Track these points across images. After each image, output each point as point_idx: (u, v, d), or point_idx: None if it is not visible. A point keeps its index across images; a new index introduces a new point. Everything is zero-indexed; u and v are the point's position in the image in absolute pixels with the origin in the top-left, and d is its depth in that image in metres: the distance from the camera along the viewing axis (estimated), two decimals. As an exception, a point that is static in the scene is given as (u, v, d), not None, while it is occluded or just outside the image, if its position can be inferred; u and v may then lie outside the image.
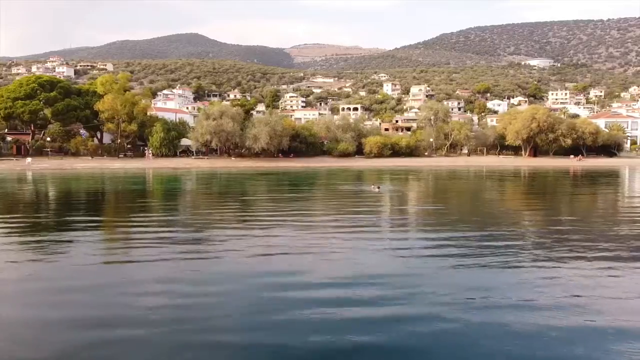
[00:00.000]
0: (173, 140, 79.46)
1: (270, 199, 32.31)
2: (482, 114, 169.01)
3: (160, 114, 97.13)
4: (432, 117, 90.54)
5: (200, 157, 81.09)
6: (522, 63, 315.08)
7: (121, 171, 62.43)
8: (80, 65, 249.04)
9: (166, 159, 77.61)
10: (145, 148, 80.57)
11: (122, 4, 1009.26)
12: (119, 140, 78.88)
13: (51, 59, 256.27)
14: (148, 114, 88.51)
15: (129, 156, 79.49)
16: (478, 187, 44.93)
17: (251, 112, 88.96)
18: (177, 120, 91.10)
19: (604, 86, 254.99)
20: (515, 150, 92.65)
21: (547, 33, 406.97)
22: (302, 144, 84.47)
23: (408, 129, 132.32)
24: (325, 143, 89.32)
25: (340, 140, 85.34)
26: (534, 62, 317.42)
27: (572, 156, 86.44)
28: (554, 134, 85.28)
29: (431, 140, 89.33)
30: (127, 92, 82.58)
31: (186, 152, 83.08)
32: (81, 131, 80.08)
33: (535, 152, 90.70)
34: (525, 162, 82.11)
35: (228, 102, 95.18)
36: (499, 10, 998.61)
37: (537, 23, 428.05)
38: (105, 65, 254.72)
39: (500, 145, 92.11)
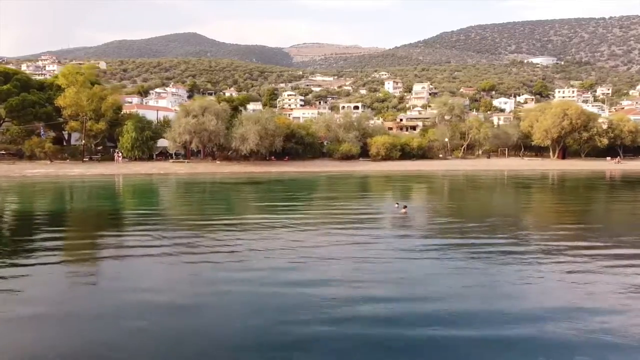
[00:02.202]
0: (147, 140, 66.41)
1: (243, 228, 19.30)
2: (489, 112, 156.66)
3: (142, 112, 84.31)
4: (446, 114, 77.52)
5: (180, 160, 68.13)
6: (525, 61, 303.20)
7: (78, 179, 49.61)
8: (72, 64, 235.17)
9: (139, 163, 64.68)
10: (115, 150, 67.60)
11: (122, 4, 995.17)
12: (84, 142, 65.78)
13: (42, 57, 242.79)
14: (128, 111, 75.76)
15: (96, 160, 66.46)
16: (529, 201, 31.99)
17: (240, 109, 75.48)
18: (162, 119, 77.88)
19: (610, 84, 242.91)
20: (540, 151, 79.78)
21: (548, 31, 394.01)
22: (298, 144, 71.49)
23: (413, 128, 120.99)
24: (325, 144, 76.44)
25: (343, 140, 72.38)
26: (537, 60, 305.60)
27: (608, 158, 73.55)
28: (588, 132, 72.38)
29: (446, 140, 76.37)
30: (96, 85, 69.44)
31: (165, 154, 70.06)
32: (41, 131, 66.98)
33: (564, 153, 77.80)
34: (556, 165, 69.16)
35: (213, 98, 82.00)
36: (499, 9, 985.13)
37: (538, 21, 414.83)
38: (98, 63, 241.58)
39: (523, 146, 79.16)
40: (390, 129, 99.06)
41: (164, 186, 43.29)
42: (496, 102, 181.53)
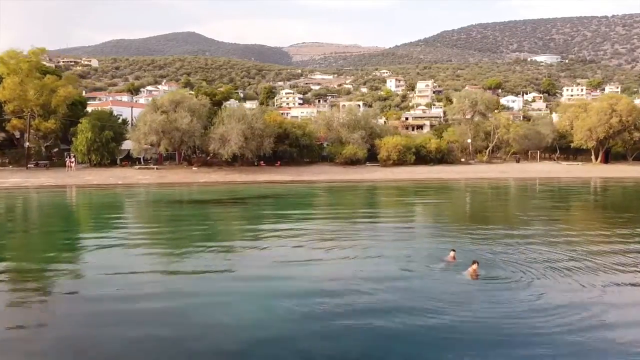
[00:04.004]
0: (108, 142, 52.69)
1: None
2: (496, 110, 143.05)
3: (117, 110, 70.89)
4: (467, 110, 63.85)
5: (149, 166, 54.57)
6: (529, 59, 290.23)
7: (4, 193, 36.29)
8: (63, 62, 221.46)
9: (96, 170, 51.08)
10: (68, 154, 53.91)
11: (120, 4, 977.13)
12: (28, 144, 52.12)
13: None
14: (100, 108, 62.29)
15: (44, 166, 52.79)
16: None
17: (225, 104, 61.86)
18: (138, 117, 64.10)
19: (617, 82, 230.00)
20: (576, 154, 66.30)
21: (550, 30, 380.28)
22: (293, 147, 57.78)
23: (420, 127, 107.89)
24: (325, 145, 62.84)
25: (346, 142, 58.71)
26: (540, 58, 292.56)
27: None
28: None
29: (469, 141, 62.81)
30: (48, 76, 55.68)
31: (133, 159, 56.34)
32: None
33: (607, 156, 64.25)
34: (604, 172, 55.61)
35: (191, 92, 67.78)
36: (500, 8, 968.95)
37: (540, 20, 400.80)
38: (90, 61, 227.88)
39: (558, 148, 65.55)
40: (395, 128, 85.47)
41: (88, 208, 29.54)
42: (503, 101, 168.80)
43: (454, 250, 14.30)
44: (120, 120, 59.71)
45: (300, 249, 16.21)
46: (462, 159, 62.30)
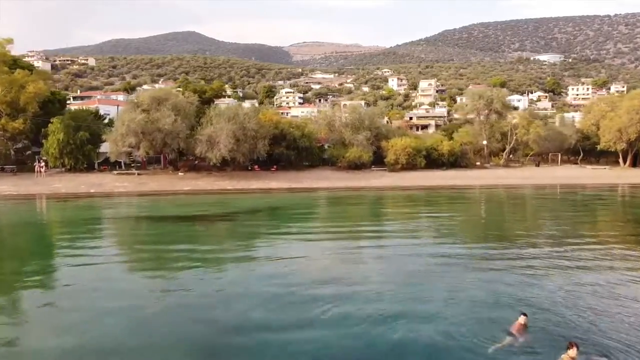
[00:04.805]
0: (83, 144, 46.39)
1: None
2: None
3: (104, 109, 65.09)
4: (482, 109, 57.50)
5: (130, 172, 48.24)
6: (532, 58, 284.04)
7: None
8: (60, 60, 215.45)
9: (69, 176, 44.87)
10: (38, 158, 47.59)
11: (120, 3, 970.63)
12: (-8, 147, 46.00)
13: (28, 53, 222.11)
14: (86, 107, 56.19)
15: (10, 171, 46.48)
16: None
17: (216, 103, 55.59)
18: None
19: (622, 81, 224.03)
20: (600, 157, 60.00)
21: (552, 29, 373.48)
22: (290, 149, 51.39)
23: (424, 127, 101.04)
24: (326, 147, 56.50)
25: (350, 143, 52.33)
26: (543, 57, 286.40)
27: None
28: (675, 133, 52.38)
29: (484, 143, 56.50)
30: (19, 70, 49.28)
31: (113, 163, 49.90)
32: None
33: (635, 160, 57.91)
34: (637, 177, 49.26)
35: (177, 89, 61.08)
36: (501, 8, 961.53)
37: (542, 19, 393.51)
38: (87, 59, 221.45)
39: (582, 150, 59.15)
40: (403, 129, 79.17)
41: (32, 229, 23.17)
42: (508, 100, 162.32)
43: (524, 315, 9.47)
44: (106, 120, 53.50)
45: (293, 300, 10.17)
46: (477, 163, 55.94)
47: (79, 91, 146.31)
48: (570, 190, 41.57)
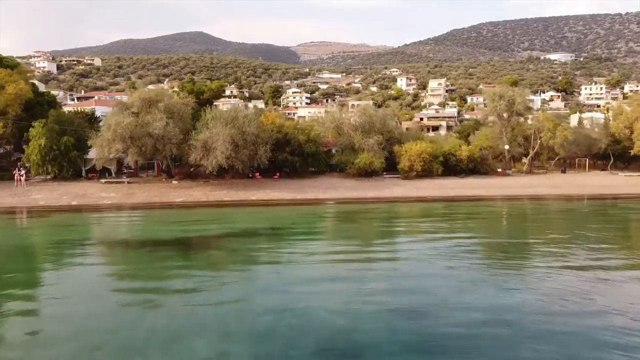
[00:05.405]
0: (68, 150, 42.01)
1: None
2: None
3: (101, 110, 60.76)
4: (503, 111, 52.42)
5: (120, 180, 43.78)
6: (542, 57, 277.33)
7: None
8: (66, 61, 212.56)
9: (52, 186, 40.52)
10: (18, 166, 43.25)
11: (128, 4, 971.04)
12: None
13: (35, 54, 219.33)
14: (79, 109, 52.02)
15: (-12, 180, 42.31)
16: None
17: (216, 104, 50.98)
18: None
19: (635, 80, 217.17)
20: (630, 162, 54.73)
21: (562, 28, 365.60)
22: (295, 155, 46.62)
23: (435, 128, 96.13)
24: (333, 152, 51.74)
25: (360, 148, 47.47)
26: (554, 56, 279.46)
27: None
28: None
29: (506, 147, 51.44)
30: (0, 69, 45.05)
31: (102, 171, 45.35)
32: None
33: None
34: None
35: (171, 88, 56.45)
36: (510, 6, 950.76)
37: (552, 18, 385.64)
38: (93, 59, 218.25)
39: (612, 155, 53.86)
40: (408, 129, 74.08)
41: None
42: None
43: None
44: (102, 122, 49.09)
45: None
46: (498, 169, 50.88)
47: (83, 91, 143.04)
48: (610, 204, 36.52)
